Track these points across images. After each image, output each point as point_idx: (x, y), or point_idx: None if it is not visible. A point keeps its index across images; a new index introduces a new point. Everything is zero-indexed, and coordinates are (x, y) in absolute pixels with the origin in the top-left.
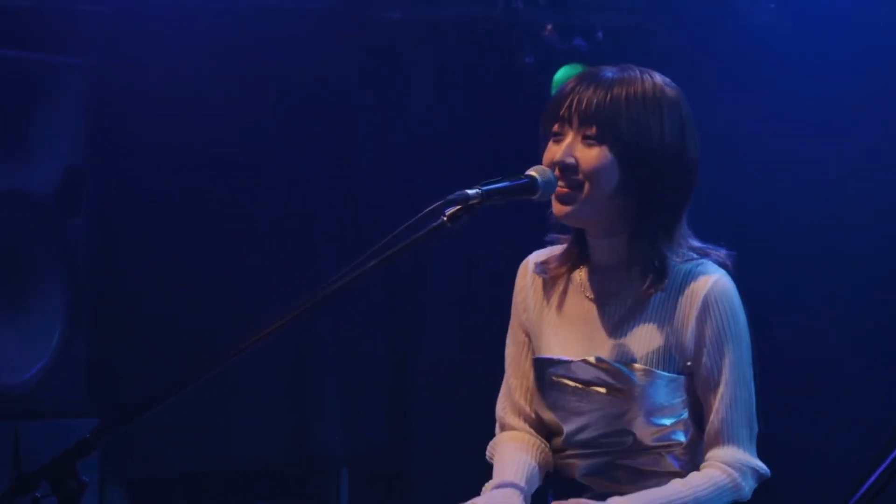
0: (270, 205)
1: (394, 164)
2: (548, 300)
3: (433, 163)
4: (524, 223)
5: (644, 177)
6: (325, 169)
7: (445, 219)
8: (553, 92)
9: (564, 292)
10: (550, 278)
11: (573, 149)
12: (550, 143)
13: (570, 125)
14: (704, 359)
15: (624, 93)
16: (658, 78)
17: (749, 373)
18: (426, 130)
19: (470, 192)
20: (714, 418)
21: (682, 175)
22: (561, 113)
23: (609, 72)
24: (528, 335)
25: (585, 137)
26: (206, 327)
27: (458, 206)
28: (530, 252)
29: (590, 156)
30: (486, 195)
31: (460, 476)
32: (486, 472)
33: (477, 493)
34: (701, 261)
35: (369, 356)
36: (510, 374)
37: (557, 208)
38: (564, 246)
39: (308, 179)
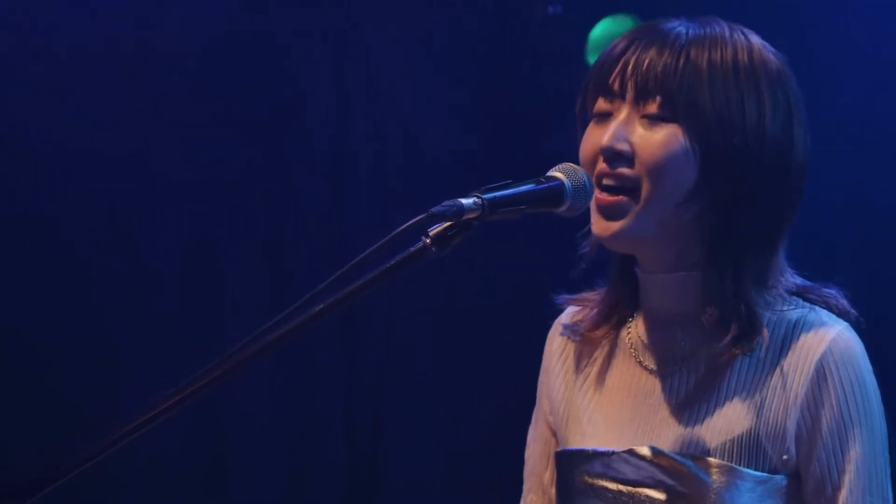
0: (167, 227)
1: (352, 162)
2: (582, 372)
3: (414, 160)
4: (539, 235)
5: (733, 178)
6: (252, 173)
7: (428, 241)
8: (589, 57)
9: (608, 358)
10: (586, 341)
11: (628, 130)
12: (591, 126)
13: (623, 98)
14: (819, 452)
15: (706, 56)
16: (755, 40)
17: (885, 471)
18: (403, 112)
19: (465, 201)
20: None
21: (786, 180)
22: (609, 81)
23: (682, 26)
24: (553, 431)
25: (647, 116)
26: (77, 396)
27: (448, 223)
28: (547, 283)
29: (653, 140)
30: (488, 206)
31: None
32: None
33: None
34: (810, 308)
35: (317, 438)
36: (530, 489)
37: (600, 226)
38: (603, 292)
39: (228, 187)
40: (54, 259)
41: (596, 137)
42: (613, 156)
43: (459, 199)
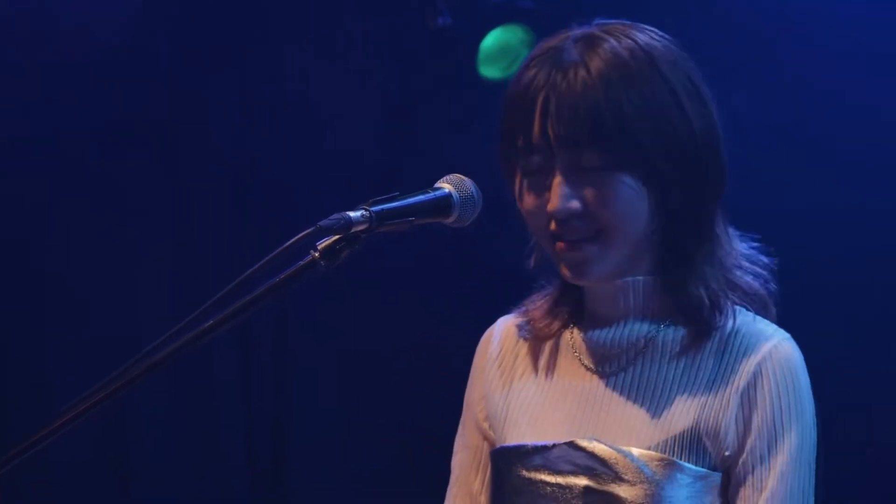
0: (69, 240)
1: (247, 175)
2: (522, 373)
3: (303, 172)
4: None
5: (680, 187)
6: (149, 185)
7: (317, 255)
8: (481, 68)
9: (551, 360)
10: (535, 339)
11: (574, 187)
12: (527, 184)
13: (551, 150)
14: (747, 454)
15: (623, 87)
16: (639, 35)
17: (809, 481)
18: (295, 127)
19: (352, 214)
20: None
21: (716, 160)
22: (534, 140)
23: (574, 50)
24: (486, 436)
25: (588, 168)
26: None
27: (336, 237)
28: (455, 286)
29: (605, 195)
30: (376, 219)
31: None
32: None
33: None
34: (753, 316)
35: (213, 455)
36: (456, 495)
37: (571, 273)
38: (550, 294)
39: (127, 198)
40: None
41: (538, 200)
42: (568, 216)
43: (347, 212)
